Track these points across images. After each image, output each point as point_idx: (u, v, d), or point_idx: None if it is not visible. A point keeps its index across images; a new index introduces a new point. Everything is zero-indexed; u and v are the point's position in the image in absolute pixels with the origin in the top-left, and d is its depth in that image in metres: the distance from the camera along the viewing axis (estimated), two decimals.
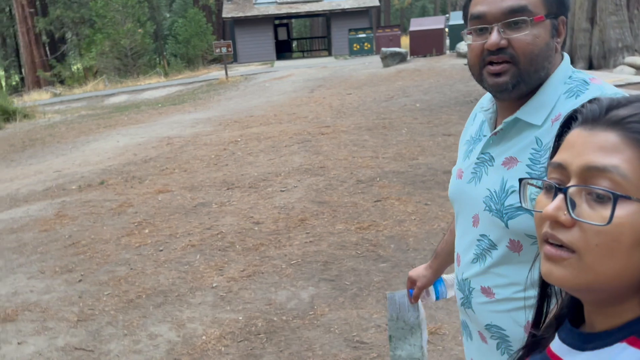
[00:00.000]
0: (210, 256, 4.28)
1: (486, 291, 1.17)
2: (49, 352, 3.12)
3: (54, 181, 7.72)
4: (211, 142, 9.21)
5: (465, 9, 1.16)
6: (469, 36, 1.11)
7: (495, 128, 1.18)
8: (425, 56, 17.51)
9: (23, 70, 28.44)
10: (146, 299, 3.66)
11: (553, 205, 0.61)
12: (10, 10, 31.27)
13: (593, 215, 0.59)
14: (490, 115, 1.19)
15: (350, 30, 23.43)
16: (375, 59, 19.70)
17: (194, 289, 3.74)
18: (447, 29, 18.44)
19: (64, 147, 10.65)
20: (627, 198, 0.57)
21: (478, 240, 1.17)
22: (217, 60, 26.88)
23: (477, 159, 1.19)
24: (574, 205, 0.61)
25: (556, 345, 0.69)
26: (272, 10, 25.91)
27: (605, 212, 0.58)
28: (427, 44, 17.34)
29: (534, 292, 0.81)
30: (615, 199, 0.57)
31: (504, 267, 1.13)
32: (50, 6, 28.23)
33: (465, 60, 14.83)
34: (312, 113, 11.08)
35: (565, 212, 0.60)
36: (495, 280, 1.15)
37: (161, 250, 4.52)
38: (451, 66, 14.83)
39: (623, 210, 0.58)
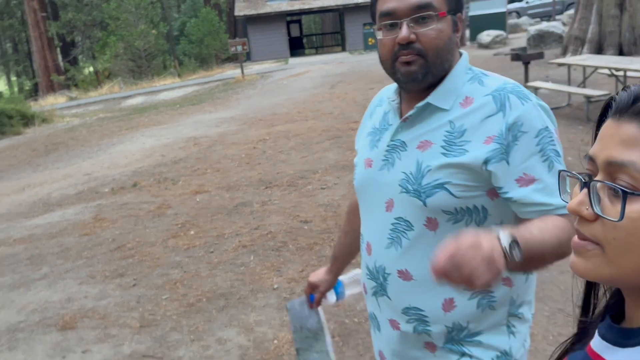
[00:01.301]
0: (265, 257, 4.16)
1: (403, 274, 1.20)
2: None
3: (85, 184, 7.65)
4: (239, 141, 9.11)
5: (372, 7, 1.21)
6: (379, 32, 1.17)
7: (400, 117, 1.23)
8: None
9: (36, 74, 28.51)
10: (207, 302, 3.54)
11: (576, 200, 0.62)
12: (22, 15, 31.36)
13: (611, 210, 0.59)
14: (396, 105, 1.25)
15: (365, 24, 23.22)
16: None
17: (254, 291, 3.62)
18: (467, 20, 18.19)
19: (90, 150, 10.58)
20: (637, 195, 0.57)
21: (393, 224, 1.19)
22: (231, 59, 26.78)
23: (388, 146, 1.22)
24: (598, 199, 0.61)
25: (596, 342, 0.68)
26: (285, 6, 25.74)
27: (620, 207, 0.58)
28: None
29: None
30: (625, 195, 0.57)
31: (421, 247, 1.16)
32: (62, 10, 28.28)
33: (494, 51, 14.64)
34: (336, 109, 10.93)
35: (588, 207, 0.61)
36: (413, 262, 1.18)
37: (212, 252, 4.40)
38: (473, 57, 14.48)
39: (637, 206, 0.57)
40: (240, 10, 25.45)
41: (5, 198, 7.56)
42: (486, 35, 16.09)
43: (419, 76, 1.14)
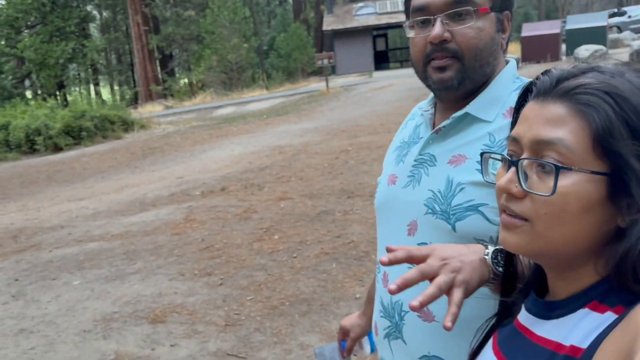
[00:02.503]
0: (347, 265, 4.15)
1: (424, 313, 1.00)
2: (201, 357, 3.10)
3: (178, 187, 8.03)
4: (322, 150, 9.21)
5: (406, 2, 1.06)
6: (411, 30, 1.02)
7: (434, 128, 1.07)
8: (539, 62, 16.62)
9: (137, 84, 30.50)
10: (290, 306, 3.58)
11: (505, 178, 0.65)
12: (127, 28, 33.76)
13: (541, 186, 0.62)
14: (429, 116, 1.10)
15: None
16: None
17: (337, 299, 3.61)
18: (563, 34, 17.40)
19: (183, 155, 11.13)
20: (569, 169, 0.60)
21: None
22: (316, 72, 27.27)
23: (415, 160, 1.07)
24: (526, 177, 0.64)
25: (523, 315, 0.71)
26: (372, 20, 25.89)
27: (551, 182, 0.61)
28: (541, 50, 16.45)
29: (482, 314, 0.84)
30: (557, 170, 0.61)
31: None
32: (162, 24, 30.12)
33: None
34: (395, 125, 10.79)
35: (517, 185, 0.64)
36: (436, 300, 0.88)
37: (295, 257, 4.46)
38: None
39: (567, 181, 0.61)
40: (329, 24, 25.90)
41: (105, 196, 8.10)
42: (584, 50, 15.29)
43: (455, 83, 0.99)
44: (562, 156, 0.61)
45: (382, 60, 28.34)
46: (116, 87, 40.26)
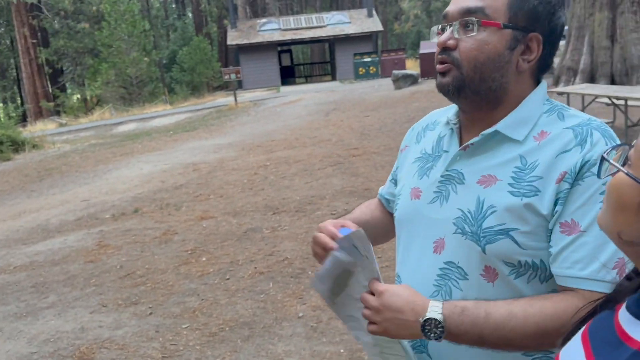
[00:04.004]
0: (284, 284, 4.05)
1: None
2: None
3: (85, 210, 7.48)
4: (239, 166, 9.03)
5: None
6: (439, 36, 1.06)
7: (460, 144, 1.07)
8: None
9: (25, 101, 28.27)
10: (230, 331, 3.41)
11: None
12: (12, 41, 31.26)
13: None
14: (456, 129, 1.09)
15: (355, 54, 23.52)
16: (384, 82, 19.73)
17: (279, 319, 3.50)
18: None
19: (85, 176, 10.41)
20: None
21: (442, 269, 1.02)
22: (222, 87, 26.86)
23: (442, 176, 1.06)
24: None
25: (622, 313, 0.69)
26: (277, 36, 26.02)
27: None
28: None
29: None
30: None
31: (471, 297, 0.98)
32: (52, 37, 28.25)
33: None
34: (334, 136, 10.94)
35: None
36: None
37: (228, 279, 4.28)
38: None
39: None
40: (233, 39, 25.67)
41: (1, 224, 7.36)
42: None
43: (451, 89, 1.01)
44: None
45: (288, 75, 28.54)
46: (0, 105, 37.08)
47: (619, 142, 1.02)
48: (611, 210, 0.65)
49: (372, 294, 0.98)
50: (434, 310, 0.93)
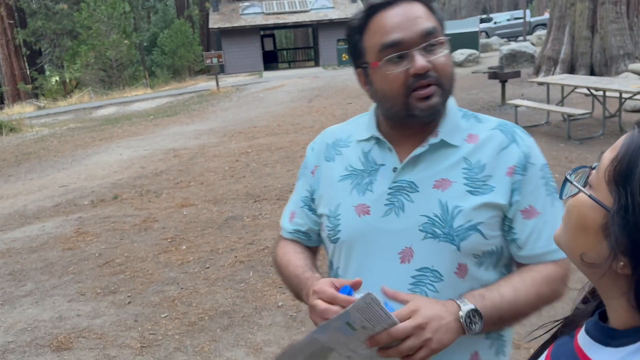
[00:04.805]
0: (265, 273, 4.06)
1: None
2: None
3: (63, 196, 7.39)
4: (220, 153, 8.98)
5: (359, 43, 1.09)
6: (381, 68, 1.05)
7: (396, 155, 1.12)
8: None
9: (1, 83, 27.65)
10: (210, 320, 3.42)
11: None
12: None
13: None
14: (387, 143, 1.12)
15: (339, 40, 23.40)
16: None
17: (259, 309, 3.51)
18: None
19: (64, 161, 10.26)
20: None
21: (415, 277, 1.04)
22: (204, 71, 26.55)
23: (390, 188, 1.08)
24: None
25: (582, 336, 0.70)
26: (260, 20, 25.74)
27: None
28: None
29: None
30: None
31: (448, 297, 1.03)
32: (30, 17, 27.58)
33: (472, 69, 14.90)
34: (316, 122, 10.92)
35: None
36: None
37: (208, 268, 4.28)
38: None
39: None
40: (215, 22, 25.33)
41: None
42: (459, 54, 16.43)
43: (440, 108, 1.06)
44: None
45: (270, 60, 28.29)
46: None
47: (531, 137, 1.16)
48: (571, 231, 0.65)
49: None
50: (464, 303, 0.99)
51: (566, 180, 0.68)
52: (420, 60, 1.02)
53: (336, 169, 1.18)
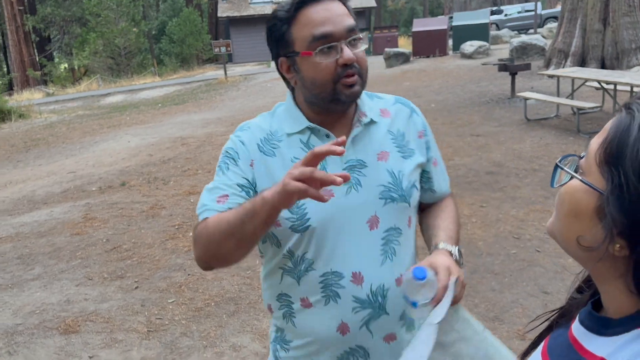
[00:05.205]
0: None
1: (398, 280, 1.21)
2: None
3: (71, 182, 7.43)
4: None
5: (287, 35, 1.18)
6: (312, 57, 1.15)
7: (332, 138, 1.22)
8: (428, 57, 17.44)
9: (11, 69, 27.73)
10: (216, 307, 3.45)
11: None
12: None
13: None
14: (323, 129, 1.23)
15: None
16: (375, 60, 19.59)
17: None
18: (450, 30, 18.42)
19: (72, 148, 10.31)
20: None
21: (384, 238, 1.20)
22: (212, 60, 26.51)
23: (344, 169, 1.19)
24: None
25: (576, 326, 0.71)
26: (268, 9, 25.63)
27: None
28: (430, 45, 17.26)
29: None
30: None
31: (406, 246, 1.25)
32: (40, 4, 27.61)
33: (482, 61, 14.80)
34: None
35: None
36: (403, 264, 1.23)
37: None
38: (457, 67, 14.76)
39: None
40: (223, 11, 25.26)
41: None
42: (469, 46, 16.29)
43: (360, 95, 1.21)
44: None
45: None
46: None
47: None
48: (565, 218, 0.66)
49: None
50: (449, 247, 1.20)
51: (557, 167, 0.68)
52: (348, 52, 1.14)
53: (279, 163, 1.22)
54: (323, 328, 1.20)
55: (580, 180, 0.63)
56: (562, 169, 0.68)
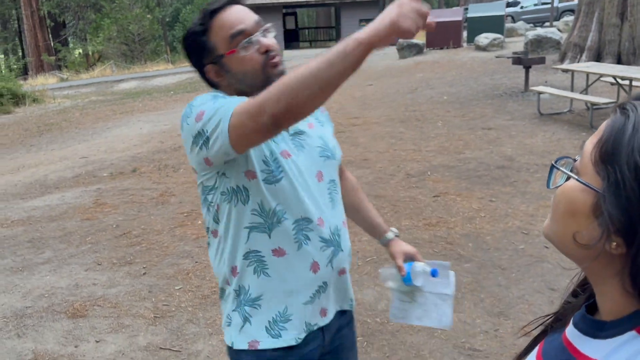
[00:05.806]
0: None
1: (344, 222, 1.48)
2: (132, 352, 2.93)
3: (83, 168, 7.50)
4: None
5: (204, 44, 1.32)
6: (236, 53, 1.30)
7: None
8: (442, 48, 17.29)
9: (26, 53, 27.91)
10: None
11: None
12: None
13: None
14: None
15: (361, 20, 23.14)
16: (389, 50, 19.45)
17: None
18: (465, 22, 18.23)
19: (84, 133, 10.39)
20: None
21: (328, 188, 1.42)
22: None
23: (291, 136, 1.39)
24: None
25: (570, 329, 0.71)
26: None
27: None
28: (444, 36, 17.11)
29: None
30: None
31: (339, 193, 1.48)
32: None
33: (496, 54, 14.64)
34: (335, 104, 10.86)
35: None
36: (341, 207, 1.48)
37: None
38: (471, 59, 14.62)
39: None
40: None
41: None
42: (484, 38, 16.12)
43: (286, 71, 1.29)
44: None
45: (292, 39, 28.12)
46: (0, 56, 36.62)
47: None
48: (561, 219, 0.66)
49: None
50: (391, 231, 1.71)
51: (552, 167, 0.69)
52: (265, 40, 1.31)
53: None
54: (299, 270, 1.35)
55: (577, 180, 0.64)
56: (558, 169, 0.68)
